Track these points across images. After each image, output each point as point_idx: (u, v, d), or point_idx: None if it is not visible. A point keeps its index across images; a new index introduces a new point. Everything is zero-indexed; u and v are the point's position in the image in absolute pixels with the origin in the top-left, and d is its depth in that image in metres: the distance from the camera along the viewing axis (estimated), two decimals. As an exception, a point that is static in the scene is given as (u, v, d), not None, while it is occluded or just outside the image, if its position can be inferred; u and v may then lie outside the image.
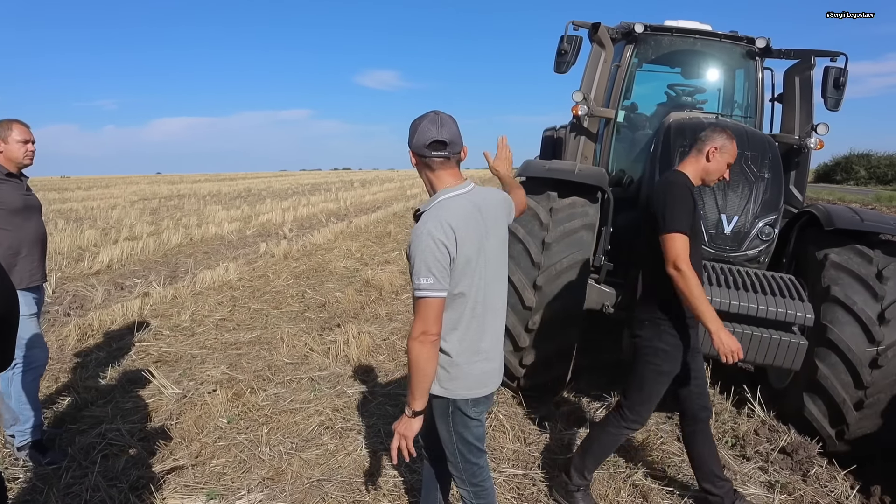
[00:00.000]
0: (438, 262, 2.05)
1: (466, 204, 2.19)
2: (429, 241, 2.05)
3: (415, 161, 2.23)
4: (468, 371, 2.24)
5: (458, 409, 2.28)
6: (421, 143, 2.15)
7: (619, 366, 5.35)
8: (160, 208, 19.60)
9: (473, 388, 2.27)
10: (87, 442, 3.87)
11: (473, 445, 2.36)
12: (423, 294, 2.06)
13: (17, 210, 3.61)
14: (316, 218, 17.33)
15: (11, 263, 3.57)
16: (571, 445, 3.91)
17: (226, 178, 47.22)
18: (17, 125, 3.61)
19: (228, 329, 6.40)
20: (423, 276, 2.05)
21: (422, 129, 2.15)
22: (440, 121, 2.16)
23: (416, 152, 2.19)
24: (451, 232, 2.08)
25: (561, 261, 4.19)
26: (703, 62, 6.02)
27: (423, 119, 2.18)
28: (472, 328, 2.22)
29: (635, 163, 5.73)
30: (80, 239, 11.89)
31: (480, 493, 2.42)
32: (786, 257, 4.53)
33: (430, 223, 2.09)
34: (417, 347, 2.08)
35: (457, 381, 2.23)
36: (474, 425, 2.33)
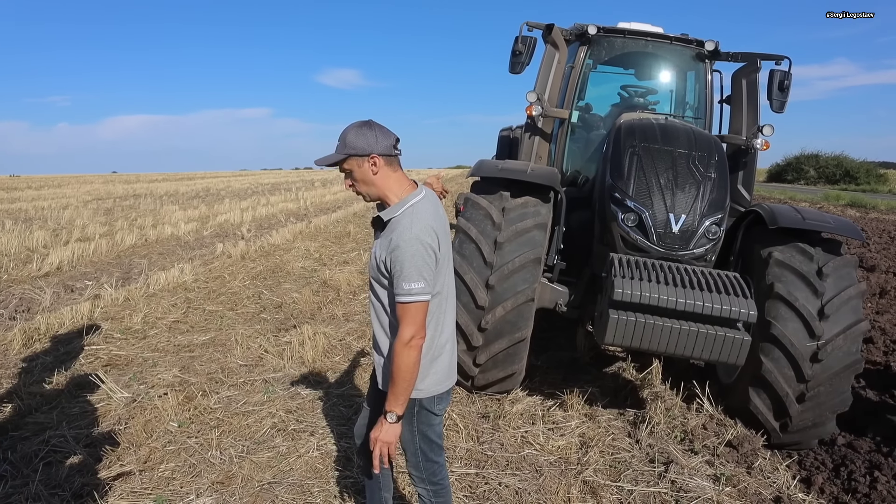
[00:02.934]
0: (428, 265, 2.10)
1: (433, 206, 2.26)
2: (418, 246, 2.08)
3: (378, 167, 2.18)
4: (437, 367, 2.30)
5: (423, 407, 2.32)
6: (388, 144, 2.18)
7: (573, 363, 5.43)
8: (115, 208, 19.12)
9: (442, 382, 2.34)
10: (30, 449, 3.76)
11: (435, 443, 2.41)
12: (417, 299, 2.08)
13: None
14: (275, 218, 17.12)
15: None
16: (525, 444, 3.95)
17: (184, 178, 46.33)
18: None
19: (182, 331, 6.28)
20: (415, 281, 2.07)
21: (381, 132, 2.17)
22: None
23: (385, 153, 2.18)
24: (434, 234, 2.14)
25: (513, 260, 4.22)
26: (654, 64, 6.12)
27: (371, 125, 2.18)
28: (438, 324, 2.28)
29: (589, 162, 5.81)
30: (28, 240, 11.52)
31: (440, 491, 2.46)
32: (732, 255, 4.64)
33: (417, 228, 2.11)
34: (408, 353, 2.10)
35: (427, 378, 2.28)
36: (437, 423, 2.39)
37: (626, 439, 4.04)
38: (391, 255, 2.11)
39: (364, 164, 2.17)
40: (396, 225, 2.16)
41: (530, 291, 4.22)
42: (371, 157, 2.16)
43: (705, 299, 3.62)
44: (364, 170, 2.18)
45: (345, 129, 2.19)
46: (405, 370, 2.11)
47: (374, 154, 2.15)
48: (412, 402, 2.29)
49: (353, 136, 2.15)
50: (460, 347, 4.36)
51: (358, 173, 2.19)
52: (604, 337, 3.73)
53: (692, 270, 3.90)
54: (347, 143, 2.15)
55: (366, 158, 2.16)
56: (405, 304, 2.09)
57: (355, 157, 2.16)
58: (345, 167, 2.20)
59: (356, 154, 2.15)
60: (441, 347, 2.32)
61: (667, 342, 3.63)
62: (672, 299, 3.62)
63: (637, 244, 4.18)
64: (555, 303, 4.72)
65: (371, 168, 2.17)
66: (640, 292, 3.64)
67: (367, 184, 2.21)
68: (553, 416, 4.35)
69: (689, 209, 4.13)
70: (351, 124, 2.20)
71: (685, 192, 4.17)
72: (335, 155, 2.18)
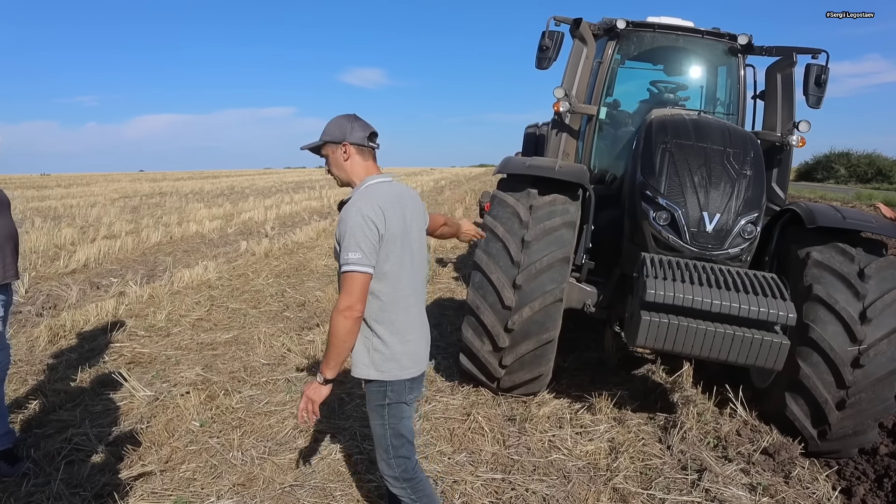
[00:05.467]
0: (367, 238, 2.20)
1: (391, 190, 2.40)
2: (358, 218, 2.20)
3: (348, 154, 2.38)
4: (403, 350, 2.37)
5: (394, 397, 2.38)
6: (363, 136, 2.39)
7: (601, 365, 5.30)
8: (141, 206, 19.33)
9: (408, 368, 2.39)
10: (53, 447, 3.75)
11: (406, 439, 2.45)
12: (351, 268, 2.18)
13: None
14: (299, 216, 17.17)
15: None
16: (552, 448, 3.84)
17: (209, 176, 46.80)
18: None
19: (205, 329, 6.27)
20: (352, 251, 2.17)
21: (358, 125, 2.40)
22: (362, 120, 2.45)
23: (357, 143, 2.38)
24: (379, 211, 2.25)
25: (541, 259, 4.12)
26: (685, 59, 5.97)
27: (351, 118, 2.41)
28: (401, 310, 2.36)
29: (617, 160, 5.67)
30: (56, 237, 11.66)
31: (417, 486, 2.48)
32: (768, 255, 4.49)
33: (360, 202, 2.26)
34: (341, 321, 2.19)
35: (392, 361, 2.35)
36: (407, 416, 2.45)
37: (656, 445, 3.92)
38: (338, 228, 2.27)
39: (337, 150, 2.39)
40: (348, 204, 2.32)
41: (558, 291, 4.11)
42: (343, 145, 2.37)
43: (741, 301, 3.48)
44: (337, 156, 2.39)
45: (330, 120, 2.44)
46: (337, 337, 2.21)
47: (346, 142, 2.37)
48: (383, 389, 2.37)
49: (332, 125, 2.40)
50: (486, 348, 4.28)
51: (332, 159, 2.42)
52: (635, 339, 3.61)
53: (727, 271, 3.76)
54: (326, 130, 2.40)
55: (339, 145, 2.38)
56: (343, 273, 2.20)
57: (331, 144, 2.39)
58: (323, 152, 2.43)
59: (331, 140, 2.39)
60: (403, 333, 2.37)
61: (700, 345, 3.50)
62: (706, 300, 3.49)
63: (669, 243, 4.05)
64: (583, 303, 4.61)
65: (342, 154, 2.38)
66: (672, 293, 3.51)
67: (338, 168, 2.42)
68: (581, 419, 4.24)
69: (724, 207, 3.99)
70: (337, 115, 2.43)
71: (719, 190, 4.03)
72: (314, 142, 2.44)
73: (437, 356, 5.44)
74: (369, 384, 2.40)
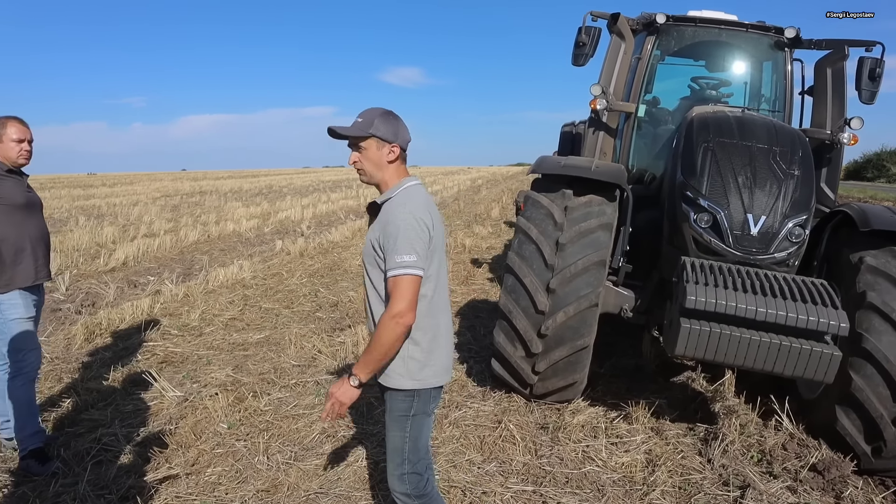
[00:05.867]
0: (421, 240, 2.10)
1: (427, 194, 2.31)
2: (412, 220, 2.10)
3: (395, 156, 2.24)
4: (437, 357, 2.27)
5: (419, 407, 2.27)
6: (407, 139, 2.27)
7: (638, 372, 5.13)
8: (181, 205, 19.66)
9: (440, 375, 2.30)
10: (82, 447, 3.75)
11: (423, 453, 2.33)
12: (407, 271, 2.06)
13: (19, 206, 3.51)
14: (335, 215, 17.26)
15: (15, 261, 3.47)
16: (586, 459, 3.69)
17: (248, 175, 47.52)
18: (14, 123, 3.49)
19: (237, 329, 6.27)
20: (407, 254, 2.06)
21: (404, 127, 2.26)
22: None
23: (404, 147, 2.27)
24: (428, 213, 2.17)
25: (576, 262, 3.97)
26: (728, 54, 5.74)
27: (396, 117, 2.25)
28: (439, 313, 2.28)
29: (657, 159, 5.48)
30: (98, 236, 11.91)
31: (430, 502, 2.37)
32: (817, 260, 4.27)
33: (410, 205, 2.15)
34: (392, 327, 2.07)
35: (427, 368, 2.24)
36: (427, 427, 2.34)
37: (696, 458, 3.74)
38: (384, 230, 2.14)
39: (384, 148, 2.22)
40: (391, 203, 2.20)
41: (594, 296, 3.97)
42: (393, 146, 2.22)
43: (788, 309, 3.28)
44: (381, 154, 2.22)
45: (368, 109, 2.24)
46: (386, 343, 2.09)
47: (396, 143, 2.23)
48: (409, 400, 2.25)
49: (381, 121, 2.20)
50: (518, 353, 4.15)
51: (374, 155, 2.22)
52: (674, 347, 3.44)
53: (773, 276, 3.56)
54: (375, 125, 2.19)
55: (388, 144, 2.21)
56: (396, 276, 2.07)
57: (378, 139, 2.21)
58: (361, 144, 2.22)
59: (381, 137, 2.20)
60: (438, 338, 2.28)
61: (744, 355, 3.31)
62: (751, 308, 3.30)
63: (711, 247, 3.86)
64: (620, 308, 4.45)
65: (388, 155, 2.23)
66: (714, 300, 3.33)
67: (378, 167, 2.24)
68: (617, 429, 4.07)
69: (770, 209, 3.79)
70: (376, 108, 2.25)
71: (765, 191, 3.83)
72: (358, 129, 2.20)
73: (468, 360, 5.34)
74: (395, 393, 2.27)
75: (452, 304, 7.30)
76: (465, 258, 10.34)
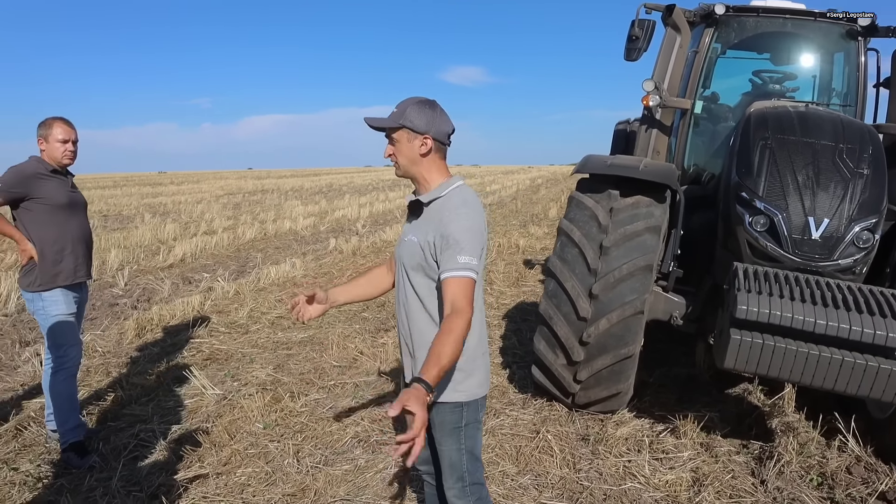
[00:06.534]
0: (479, 243, 2.02)
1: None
2: (470, 221, 2.00)
3: (428, 148, 2.07)
4: (480, 365, 2.16)
5: (470, 416, 2.15)
6: (445, 131, 2.10)
7: (690, 382, 4.86)
8: (243, 203, 20.13)
9: (484, 384, 2.19)
10: (121, 442, 3.80)
11: (479, 460, 2.24)
12: (471, 274, 1.96)
13: (62, 206, 3.58)
14: (391, 214, 17.31)
15: (56, 260, 3.54)
16: (627, 475, 3.49)
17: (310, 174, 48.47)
18: (59, 124, 3.56)
19: (283, 328, 6.29)
20: (469, 255, 1.96)
21: (443, 118, 2.09)
22: None
23: (439, 139, 2.09)
24: (482, 216, 2.09)
25: (621, 267, 3.77)
26: (795, 45, 5.38)
27: (434, 106, 2.09)
28: (478, 323, 2.12)
29: (715, 158, 5.19)
30: (161, 232, 12.28)
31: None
32: (889, 268, 3.92)
33: (469, 206, 2.05)
34: (464, 328, 1.90)
35: (471, 378, 2.13)
36: (479, 435, 2.24)
37: (748, 478, 3.47)
38: (443, 230, 1.98)
39: (415, 140, 2.06)
40: (445, 203, 2.06)
41: (639, 303, 3.75)
42: (425, 137, 2.06)
43: (853, 322, 2.99)
44: (413, 146, 2.07)
45: (406, 100, 2.10)
46: (459, 346, 1.89)
47: (429, 135, 2.06)
48: (458, 411, 2.12)
49: (414, 110, 2.06)
50: (559, 361, 3.98)
51: (406, 147, 2.08)
52: (723, 360, 3.20)
53: (836, 285, 3.27)
54: (407, 114, 2.05)
55: (419, 136, 2.06)
56: (460, 277, 1.94)
57: (409, 131, 2.06)
58: (394, 136, 2.09)
59: (412, 128, 2.05)
60: (482, 345, 2.18)
61: (801, 371, 3.04)
62: (809, 320, 3.02)
63: (767, 252, 3.59)
64: (669, 314, 4.21)
65: (420, 147, 2.07)
66: (768, 310, 3.07)
67: (411, 161, 2.10)
68: (662, 443, 3.85)
69: (834, 212, 3.49)
70: (414, 97, 2.11)
71: (829, 192, 3.53)
72: (389, 121, 2.07)
73: (511, 366, 5.19)
74: (442, 406, 2.10)
75: (501, 306, 7.18)
76: (517, 259, 10.16)
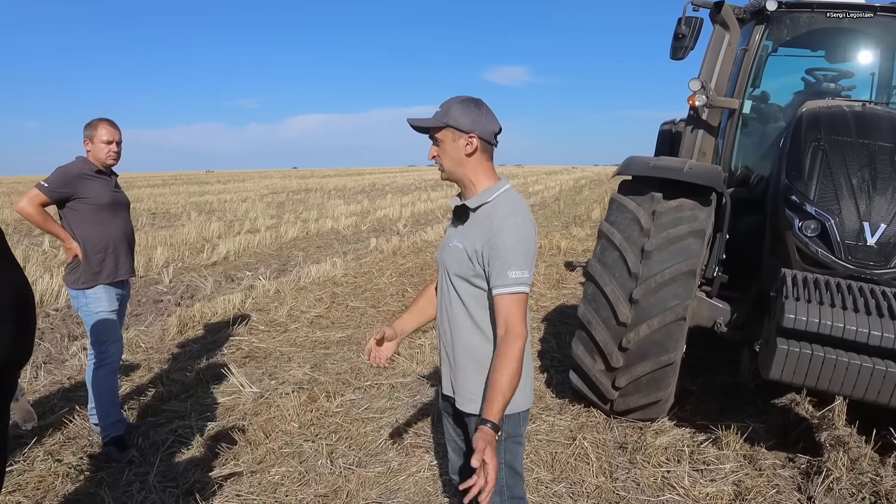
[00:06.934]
0: (533, 256, 1.95)
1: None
2: (528, 233, 1.92)
3: (473, 148, 1.98)
4: (526, 379, 2.03)
5: (510, 432, 2.04)
6: (492, 131, 2.00)
7: (734, 390, 4.71)
8: (286, 202, 20.42)
9: (527, 397, 2.09)
10: (159, 438, 3.86)
11: (519, 475, 2.15)
12: (523, 289, 1.88)
13: (105, 206, 3.66)
14: (433, 214, 17.33)
15: (99, 258, 3.62)
16: (666, 486, 3.39)
17: (353, 174, 48.95)
18: (104, 125, 3.63)
19: (322, 327, 6.33)
20: (522, 269, 1.87)
21: (489, 116, 2.00)
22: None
23: (486, 139, 1.99)
24: (534, 224, 2.01)
25: (663, 271, 3.67)
26: (851, 42, 5.15)
27: (480, 105, 2.00)
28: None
29: (764, 159, 5.02)
30: (206, 230, 12.53)
31: None
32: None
33: (522, 214, 1.95)
34: (520, 353, 1.85)
35: (518, 391, 1.97)
36: (521, 449, 2.15)
37: (794, 494, 3.33)
38: (492, 240, 1.89)
39: (460, 140, 1.97)
40: (494, 210, 1.96)
41: (681, 309, 3.64)
42: (470, 136, 1.96)
43: (910, 333, 2.84)
44: (458, 146, 1.98)
45: (451, 99, 2.02)
46: (518, 372, 1.84)
47: (474, 134, 1.96)
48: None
49: (459, 108, 1.98)
50: (597, 367, 3.89)
51: (450, 148, 1.99)
52: (769, 370, 3.07)
53: (892, 294, 3.11)
54: (451, 113, 1.97)
55: (464, 135, 1.97)
56: (514, 294, 1.86)
57: (453, 130, 1.97)
58: (438, 136, 2.01)
59: (456, 127, 1.97)
60: (528, 358, 2.06)
61: (852, 384, 2.90)
62: (863, 331, 2.88)
63: (818, 259, 3.44)
64: (713, 321, 4.08)
65: (465, 147, 1.98)
66: (818, 320, 2.94)
67: (456, 162, 2.01)
68: (703, 454, 3.72)
69: (892, 217, 3.32)
70: (459, 97, 2.02)
71: (886, 196, 3.36)
72: (432, 120, 2.00)
73: (549, 370, 5.10)
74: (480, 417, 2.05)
75: (541, 308, 7.09)
76: (558, 261, 10.04)
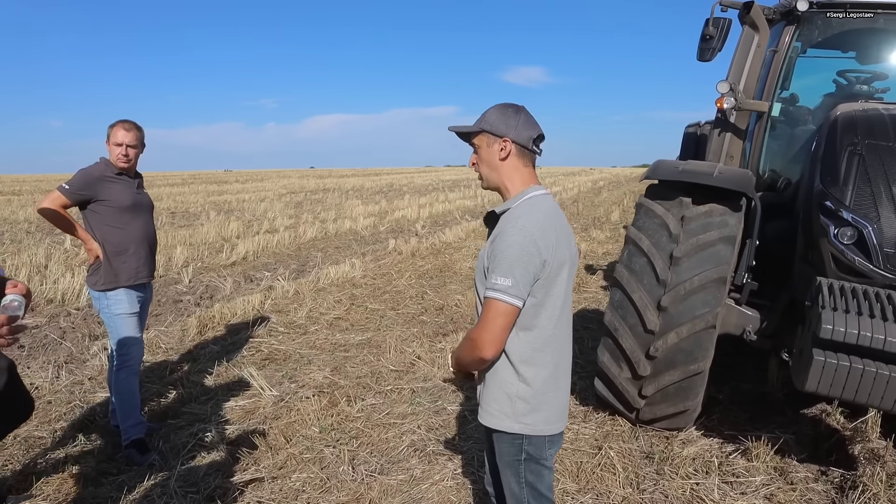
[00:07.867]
0: (525, 264, 1.81)
1: (555, 208, 1.99)
2: (520, 237, 1.82)
3: (507, 153, 1.95)
4: (551, 400, 1.98)
5: (531, 454, 2.00)
6: (528, 136, 1.96)
7: (763, 399, 4.61)
8: (304, 202, 20.46)
9: (554, 422, 2.01)
10: (180, 440, 3.85)
11: (546, 497, 2.08)
12: (497, 296, 1.80)
13: (125, 208, 3.64)
14: (451, 215, 17.27)
15: (119, 260, 3.61)
16: (695, 499, 3.30)
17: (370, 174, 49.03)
18: (118, 127, 3.61)
19: (341, 329, 6.30)
20: (503, 276, 1.79)
21: (527, 121, 1.97)
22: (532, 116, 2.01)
23: (522, 144, 1.96)
24: (550, 232, 1.87)
25: (692, 278, 3.58)
26: (886, 43, 5.01)
27: (518, 110, 1.98)
28: (557, 350, 1.98)
29: (792, 163, 4.90)
30: (224, 230, 12.56)
31: None
32: None
33: (525, 219, 1.86)
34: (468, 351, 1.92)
35: (537, 413, 1.96)
36: (547, 472, 2.07)
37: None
38: (492, 245, 1.88)
39: (494, 144, 1.96)
40: (510, 215, 1.92)
41: (711, 317, 3.55)
42: (504, 140, 1.94)
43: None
44: (492, 151, 1.97)
45: (493, 105, 2.01)
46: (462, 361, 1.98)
47: (508, 138, 1.94)
48: (519, 444, 1.99)
49: (495, 113, 1.97)
50: (624, 374, 3.82)
51: (485, 153, 1.99)
52: (804, 382, 2.98)
53: (933, 305, 3.01)
54: (486, 117, 1.97)
55: (498, 139, 1.95)
56: (487, 298, 1.83)
57: (487, 135, 1.97)
58: (475, 142, 2.01)
59: (490, 132, 1.96)
60: (557, 380, 2.00)
61: (893, 398, 2.81)
62: (903, 343, 2.79)
63: (855, 267, 3.34)
64: (742, 329, 3.99)
65: (499, 152, 1.95)
66: (856, 331, 2.85)
67: (490, 167, 1.99)
68: (733, 465, 3.64)
69: (932, 225, 3.22)
70: (500, 103, 2.01)
71: (927, 202, 3.26)
72: (468, 126, 2.00)
73: (573, 375, 5.00)
74: (501, 435, 2.00)
75: (560, 312, 6.99)
76: (578, 264, 9.93)
